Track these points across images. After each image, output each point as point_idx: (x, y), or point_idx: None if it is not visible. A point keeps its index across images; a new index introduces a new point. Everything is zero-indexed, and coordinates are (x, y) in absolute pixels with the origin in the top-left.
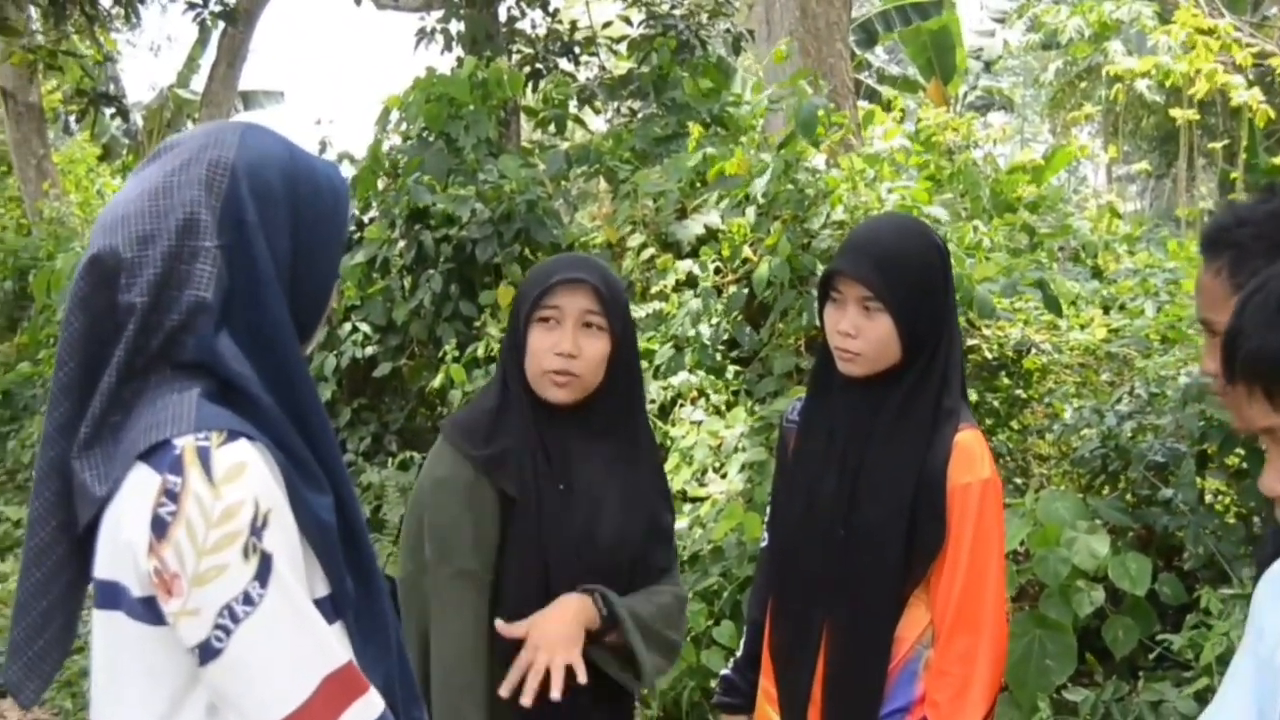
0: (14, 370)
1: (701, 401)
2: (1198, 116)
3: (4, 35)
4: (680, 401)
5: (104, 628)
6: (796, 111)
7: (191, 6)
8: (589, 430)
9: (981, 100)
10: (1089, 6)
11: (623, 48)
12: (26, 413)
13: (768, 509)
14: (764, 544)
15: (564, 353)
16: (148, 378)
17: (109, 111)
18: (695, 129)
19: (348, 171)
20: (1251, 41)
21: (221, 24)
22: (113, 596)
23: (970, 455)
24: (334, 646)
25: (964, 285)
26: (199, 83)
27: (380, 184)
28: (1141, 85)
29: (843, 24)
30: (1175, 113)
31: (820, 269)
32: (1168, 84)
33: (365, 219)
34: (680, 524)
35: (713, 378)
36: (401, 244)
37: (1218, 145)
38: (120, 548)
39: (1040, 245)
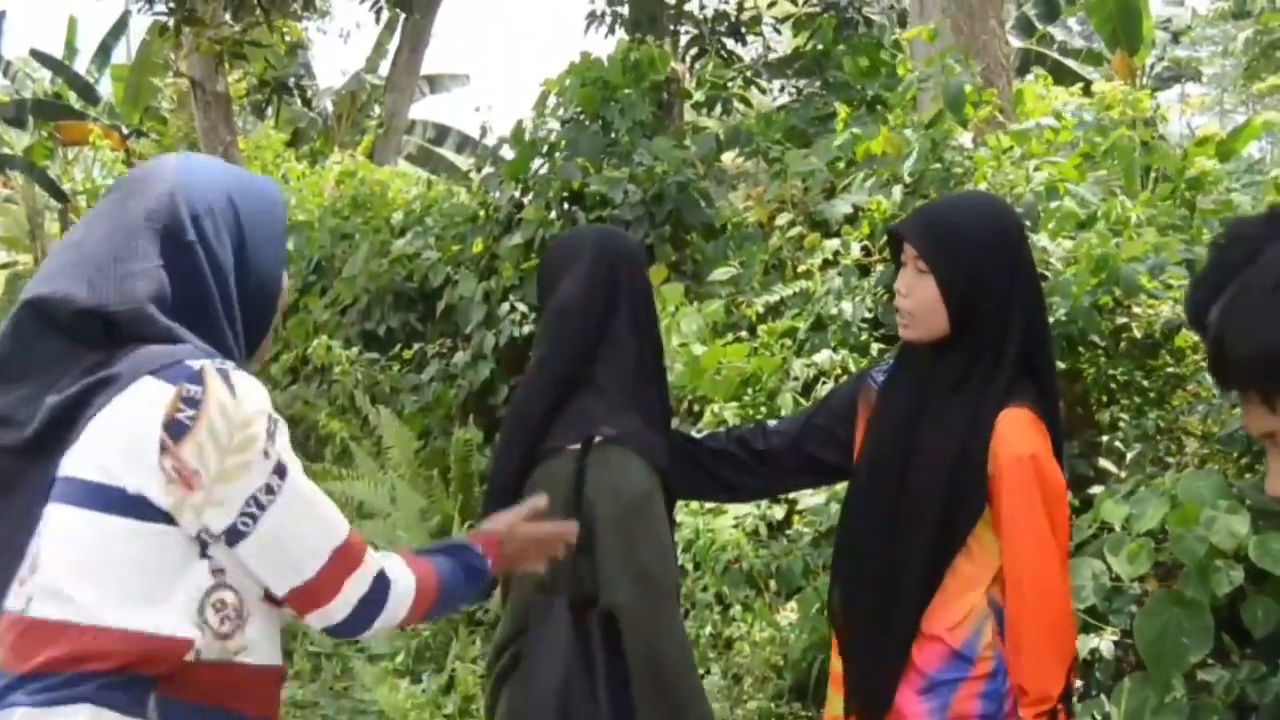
0: None
1: (844, 379)
2: None
3: (191, 27)
4: (823, 379)
5: (81, 524)
6: (943, 90)
7: None
8: None
9: (1169, 72)
10: None
11: (787, 26)
12: None
13: None
14: None
15: None
16: (124, 347)
17: (292, 98)
18: (842, 109)
19: (510, 156)
20: None
21: (400, 11)
22: (94, 496)
23: (1011, 432)
24: (340, 523)
25: (1110, 263)
26: (387, 68)
27: (535, 166)
28: None
29: (996, 1)
30: None
31: None
32: None
33: (524, 201)
34: (818, 499)
35: (856, 355)
36: (558, 225)
37: None
38: (119, 449)
39: (1196, 221)
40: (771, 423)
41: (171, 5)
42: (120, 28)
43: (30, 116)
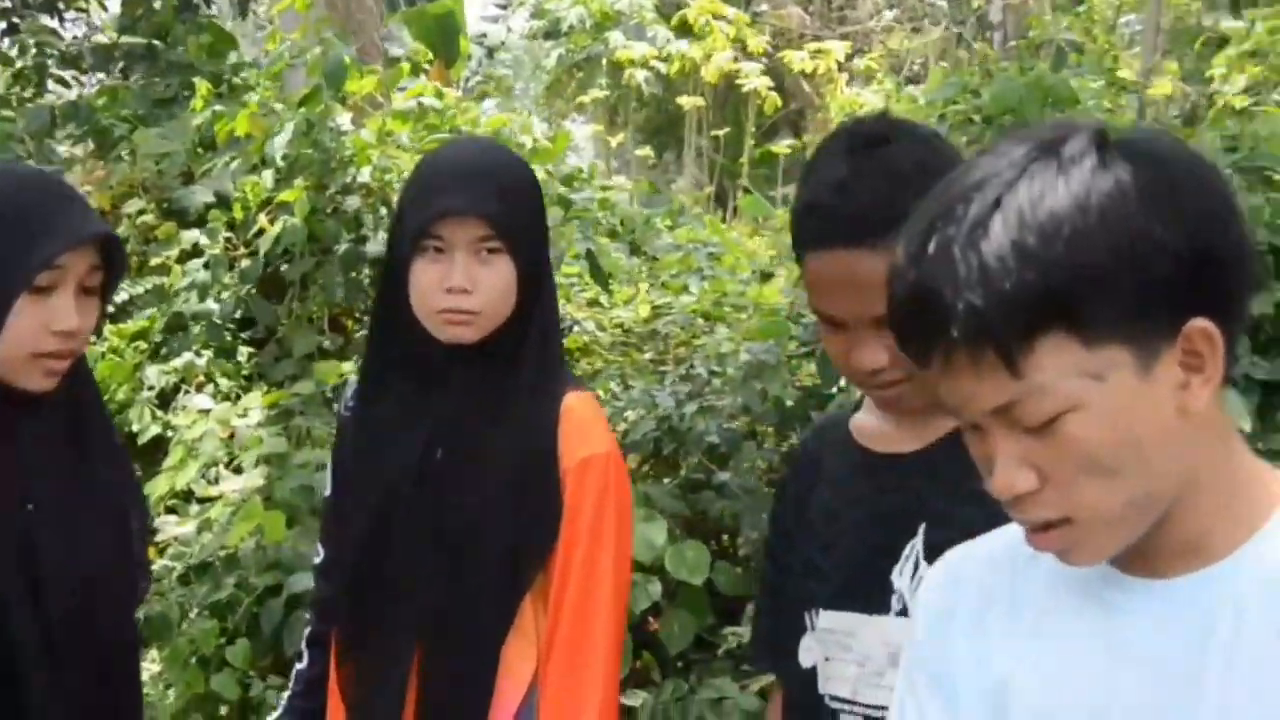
0: None
1: (209, 387)
2: (703, 103)
3: None
4: (185, 387)
5: None
6: (321, 63)
7: None
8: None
9: (483, 86)
10: None
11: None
12: None
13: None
14: (319, 560)
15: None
16: None
17: None
18: (202, 86)
19: None
20: (771, 25)
21: None
22: None
23: (584, 423)
24: None
25: None
26: None
27: None
28: (639, 76)
29: None
30: (683, 100)
31: (346, 235)
32: (673, 72)
33: None
34: (187, 528)
35: (223, 360)
36: None
37: (719, 133)
38: None
39: (574, 219)
40: None
41: None
42: None
43: None
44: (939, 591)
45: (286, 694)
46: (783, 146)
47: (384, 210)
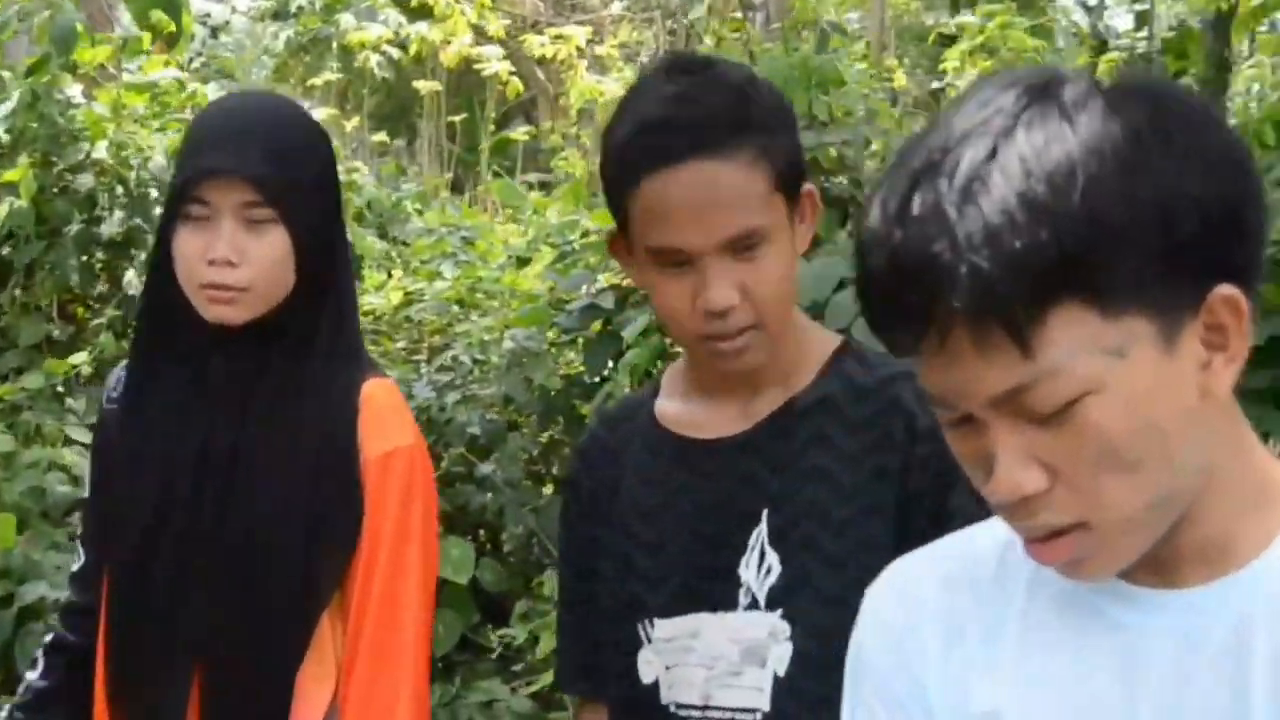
0: None
1: None
2: (440, 87)
3: None
4: None
5: None
6: (48, 28)
7: None
8: None
9: (206, 67)
10: None
11: None
12: None
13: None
14: (78, 565)
15: None
16: None
17: None
18: None
19: None
20: (504, 11)
21: None
22: None
23: (385, 413)
24: None
25: None
26: None
27: None
28: (373, 60)
29: None
30: (420, 84)
31: (79, 216)
32: (410, 56)
33: None
34: None
35: None
36: None
37: (455, 119)
38: None
39: None
40: None
41: None
42: None
43: None
44: (894, 607)
45: (8, 705)
46: (520, 134)
47: (120, 189)
